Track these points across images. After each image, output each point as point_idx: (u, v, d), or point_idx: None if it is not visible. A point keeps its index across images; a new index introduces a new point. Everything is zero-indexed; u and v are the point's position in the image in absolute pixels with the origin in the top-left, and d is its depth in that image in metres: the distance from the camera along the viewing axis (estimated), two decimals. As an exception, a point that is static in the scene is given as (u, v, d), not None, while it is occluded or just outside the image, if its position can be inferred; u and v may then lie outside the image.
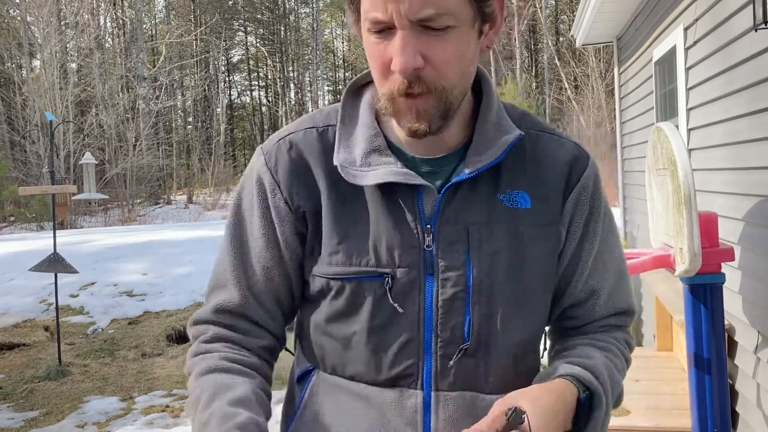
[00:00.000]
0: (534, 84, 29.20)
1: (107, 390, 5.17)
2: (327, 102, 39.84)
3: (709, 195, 3.36)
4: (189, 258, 8.79)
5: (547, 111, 26.64)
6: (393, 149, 1.01)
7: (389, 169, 0.96)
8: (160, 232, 11.51)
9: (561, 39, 30.95)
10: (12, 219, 19.16)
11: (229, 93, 39.89)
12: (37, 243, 9.96)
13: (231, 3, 38.27)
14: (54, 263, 5.55)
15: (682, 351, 3.63)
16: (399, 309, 0.96)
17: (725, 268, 2.78)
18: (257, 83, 42.58)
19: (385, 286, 0.97)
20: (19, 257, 8.52)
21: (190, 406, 0.97)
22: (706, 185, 3.41)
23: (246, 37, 41.19)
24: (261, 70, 42.02)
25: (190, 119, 34.78)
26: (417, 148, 1.01)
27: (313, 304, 1.03)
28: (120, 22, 31.71)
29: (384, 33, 0.90)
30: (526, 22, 28.36)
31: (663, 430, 3.05)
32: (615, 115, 7.48)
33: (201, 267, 8.29)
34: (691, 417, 2.75)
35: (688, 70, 3.79)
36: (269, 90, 42.06)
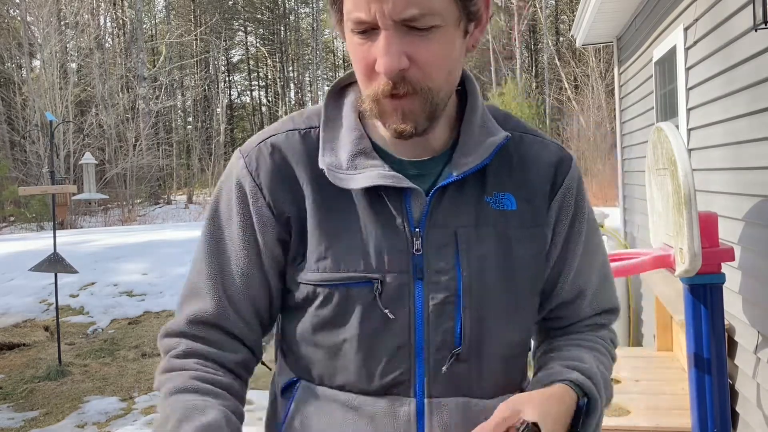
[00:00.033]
0: (534, 84, 29.20)
1: (107, 390, 5.17)
2: (327, 102, 39.66)
3: (709, 195, 3.35)
4: (189, 258, 8.68)
5: (547, 111, 26.64)
6: (378, 151, 0.98)
7: (377, 172, 0.94)
8: (160, 232, 11.51)
9: (561, 39, 30.94)
10: (12, 219, 19.17)
11: (229, 93, 39.89)
12: (37, 243, 9.96)
13: (231, 3, 38.27)
14: (54, 263, 5.55)
15: (682, 351, 3.63)
16: (390, 315, 0.94)
17: (725, 268, 2.78)
18: (257, 83, 42.58)
19: (375, 291, 0.94)
20: (19, 257, 8.52)
21: (157, 426, 0.91)
22: (706, 185, 3.40)
23: (246, 37, 41.20)
24: (261, 70, 42.01)
25: (190, 119, 34.79)
26: (402, 150, 0.99)
27: (298, 312, 1.00)
28: (120, 22, 31.72)
29: (368, 33, 0.88)
30: (526, 22, 28.35)
31: (663, 430, 3.05)
32: (615, 115, 7.47)
33: (201, 267, 8.28)
34: (691, 417, 2.75)
35: (688, 70, 3.78)
36: (269, 90, 42.05)
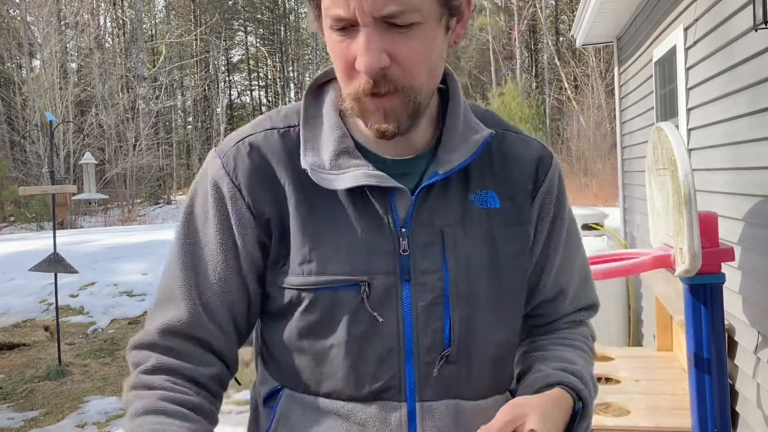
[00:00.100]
0: (534, 84, 29.21)
1: (107, 390, 5.17)
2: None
3: (709, 195, 3.35)
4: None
5: (547, 111, 26.65)
6: (362, 150, 0.96)
7: (362, 172, 0.91)
8: (160, 232, 11.50)
9: (561, 39, 30.94)
10: (12, 219, 19.18)
11: (229, 93, 39.91)
12: (37, 243, 9.96)
13: (231, 3, 38.29)
14: (54, 263, 5.55)
15: (682, 351, 3.63)
16: (379, 318, 0.91)
17: (725, 268, 2.78)
18: (257, 83, 42.60)
19: (362, 294, 0.90)
20: (19, 257, 8.52)
21: None
22: (706, 185, 3.40)
23: (246, 37, 41.23)
24: (261, 70, 42.03)
25: (190, 119, 34.83)
26: (385, 148, 0.96)
27: (281, 318, 0.95)
28: (120, 22, 31.74)
29: (347, 30, 0.86)
30: (526, 22, 28.37)
31: (663, 430, 3.04)
32: (615, 115, 7.48)
33: (201, 267, 8.29)
34: (691, 417, 2.75)
35: (688, 70, 3.78)
36: (269, 90, 42.07)
